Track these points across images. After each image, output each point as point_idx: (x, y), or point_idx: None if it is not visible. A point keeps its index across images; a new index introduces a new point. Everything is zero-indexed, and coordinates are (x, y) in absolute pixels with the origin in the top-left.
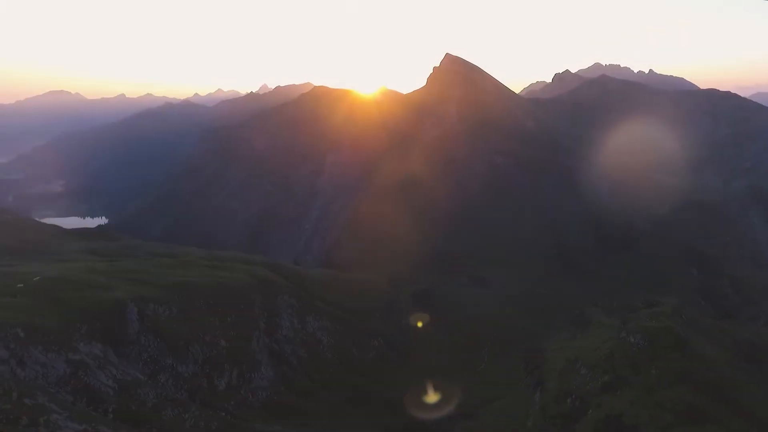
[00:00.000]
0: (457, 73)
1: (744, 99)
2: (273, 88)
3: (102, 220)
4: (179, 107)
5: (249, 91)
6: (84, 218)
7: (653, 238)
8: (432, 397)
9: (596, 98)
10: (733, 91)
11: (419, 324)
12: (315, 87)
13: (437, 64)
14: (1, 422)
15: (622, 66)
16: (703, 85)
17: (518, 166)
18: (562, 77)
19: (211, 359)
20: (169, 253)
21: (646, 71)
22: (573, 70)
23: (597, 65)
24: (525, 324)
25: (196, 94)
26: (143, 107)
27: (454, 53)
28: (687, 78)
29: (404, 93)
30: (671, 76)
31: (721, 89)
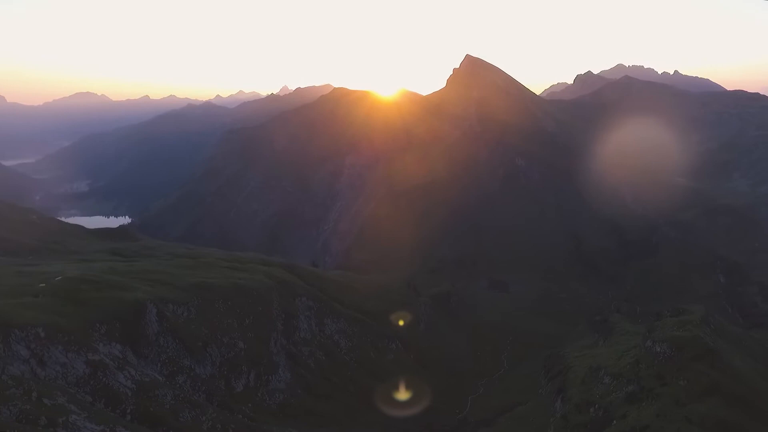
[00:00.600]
0: (477, 75)
1: None
2: (293, 89)
3: (125, 220)
4: (201, 108)
5: (269, 93)
6: (108, 217)
7: (677, 243)
8: (450, 402)
9: (619, 100)
10: (761, 93)
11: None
12: (334, 88)
13: (457, 66)
14: (20, 422)
15: (645, 67)
16: (729, 87)
17: (538, 169)
18: (583, 78)
19: (228, 361)
20: (188, 253)
21: (671, 72)
22: (595, 71)
23: (620, 66)
24: (545, 329)
25: (217, 95)
26: (166, 108)
27: (474, 54)
28: (713, 79)
29: (424, 94)
30: (697, 77)
31: (749, 90)
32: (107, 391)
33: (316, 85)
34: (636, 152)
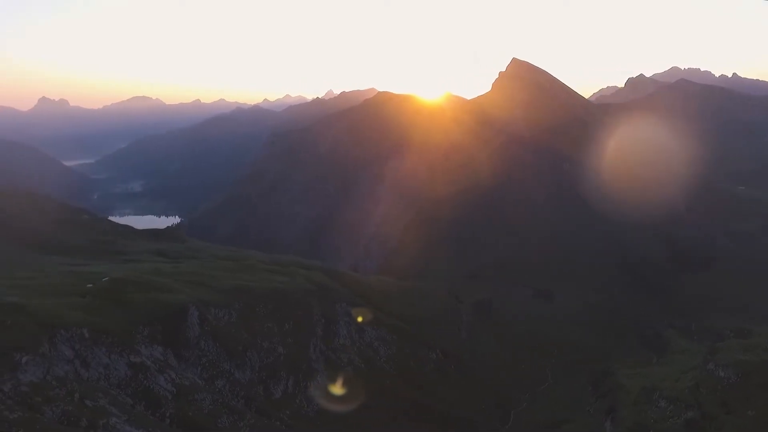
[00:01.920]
0: (524, 78)
1: None
2: (338, 93)
3: (175, 219)
4: (249, 112)
5: (315, 97)
6: (159, 217)
7: (737, 256)
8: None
9: (674, 104)
10: None
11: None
12: (379, 92)
13: (503, 69)
14: (62, 423)
15: (702, 70)
16: None
17: (586, 175)
18: (635, 82)
19: (268, 366)
20: (230, 256)
21: (729, 75)
22: (647, 75)
23: (674, 69)
24: (592, 342)
25: (265, 99)
26: (216, 112)
27: (521, 57)
28: None
29: (469, 99)
30: (758, 80)
31: None
32: (147, 394)
33: (361, 89)
34: (691, 159)
